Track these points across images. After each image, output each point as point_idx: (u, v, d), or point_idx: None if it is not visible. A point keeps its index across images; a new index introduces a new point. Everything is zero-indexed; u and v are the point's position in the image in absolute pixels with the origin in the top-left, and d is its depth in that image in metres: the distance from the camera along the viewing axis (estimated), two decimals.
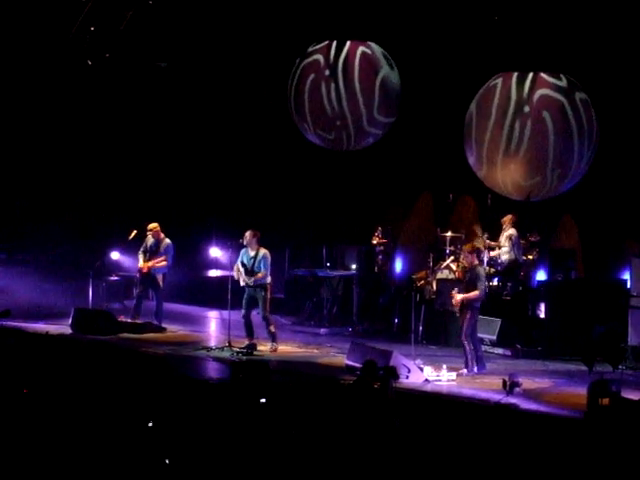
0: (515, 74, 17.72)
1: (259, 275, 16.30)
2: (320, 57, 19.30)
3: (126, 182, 22.23)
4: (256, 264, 16.35)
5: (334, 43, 19.26)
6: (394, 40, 19.31)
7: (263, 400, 11.29)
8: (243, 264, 16.39)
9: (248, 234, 16.47)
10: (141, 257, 17.99)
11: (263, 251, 16.42)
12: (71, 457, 9.56)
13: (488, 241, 18.10)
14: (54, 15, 19.77)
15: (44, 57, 20.57)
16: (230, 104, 21.49)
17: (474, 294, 14.76)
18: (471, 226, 19.47)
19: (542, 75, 17.64)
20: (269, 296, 16.50)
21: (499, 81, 17.90)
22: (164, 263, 17.97)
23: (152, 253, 17.97)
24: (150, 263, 17.89)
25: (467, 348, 14.78)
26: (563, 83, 17.63)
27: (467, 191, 19.71)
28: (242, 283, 16.48)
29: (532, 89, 17.60)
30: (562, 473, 9.82)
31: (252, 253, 16.41)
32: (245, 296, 16.50)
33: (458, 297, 14.93)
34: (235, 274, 16.53)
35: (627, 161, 18.02)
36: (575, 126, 17.60)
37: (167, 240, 18.06)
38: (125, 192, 22.19)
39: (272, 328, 16.53)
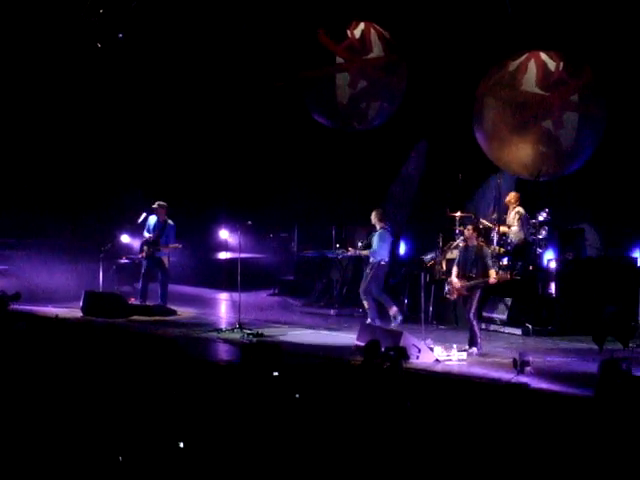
0: (542, 53, 17.77)
1: (364, 252, 16.88)
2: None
3: (136, 164, 22.24)
4: (370, 240, 16.82)
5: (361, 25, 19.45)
6: (398, 20, 19.34)
7: (276, 373, 11.32)
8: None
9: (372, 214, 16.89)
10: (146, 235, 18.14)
11: (379, 231, 16.73)
12: (82, 440, 9.60)
13: (484, 221, 17.99)
14: None
15: (53, 40, 20.59)
16: (240, 87, 21.45)
17: (501, 276, 14.81)
18: None
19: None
20: (375, 273, 16.66)
21: (526, 60, 17.87)
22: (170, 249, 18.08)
23: (155, 233, 18.05)
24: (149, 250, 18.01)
25: (476, 327, 14.79)
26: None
27: (475, 171, 19.69)
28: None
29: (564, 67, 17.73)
30: (573, 451, 9.84)
31: (374, 232, 16.87)
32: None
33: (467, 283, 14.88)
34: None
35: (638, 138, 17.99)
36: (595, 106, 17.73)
37: (170, 221, 18.12)
38: (135, 175, 22.20)
39: (366, 304, 16.67)
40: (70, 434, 9.70)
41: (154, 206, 18.03)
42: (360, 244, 17.06)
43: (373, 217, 16.75)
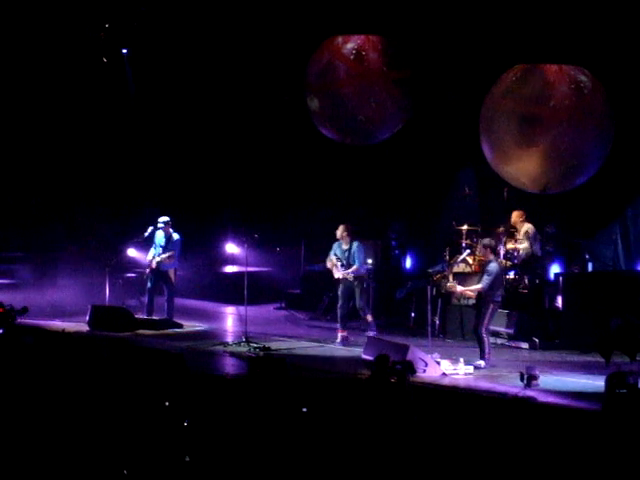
0: (552, 66, 17.77)
1: (355, 268, 16.62)
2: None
3: (142, 179, 22.27)
4: (351, 257, 16.69)
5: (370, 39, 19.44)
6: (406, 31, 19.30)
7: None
8: (338, 258, 16.72)
9: (340, 229, 16.79)
10: (151, 252, 18.10)
11: (356, 243, 16.75)
12: (88, 453, 9.59)
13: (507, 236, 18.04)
14: (69, 12, 19.84)
15: (60, 54, 20.65)
16: (247, 100, 21.46)
17: (476, 287, 14.87)
18: None
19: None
20: (365, 286, 16.92)
21: (535, 73, 17.87)
22: (171, 260, 18.03)
23: (162, 248, 18.04)
24: (158, 258, 17.95)
25: (486, 341, 14.78)
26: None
27: (483, 184, 19.68)
28: (337, 276, 16.80)
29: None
30: (580, 465, 9.81)
31: (345, 247, 16.77)
32: (342, 289, 16.84)
33: (458, 288, 15.40)
34: (329, 264, 16.88)
35: None
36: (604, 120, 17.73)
37: (175, 235, 18.13)
38: (141, 189, 22.23)
39: (369, 317, 16.89)
40: (76, 447, 9.70)
41: (160, 224, 18.00)
42: (339, 263, 16.70)
43: (344, 233, 16.75)
